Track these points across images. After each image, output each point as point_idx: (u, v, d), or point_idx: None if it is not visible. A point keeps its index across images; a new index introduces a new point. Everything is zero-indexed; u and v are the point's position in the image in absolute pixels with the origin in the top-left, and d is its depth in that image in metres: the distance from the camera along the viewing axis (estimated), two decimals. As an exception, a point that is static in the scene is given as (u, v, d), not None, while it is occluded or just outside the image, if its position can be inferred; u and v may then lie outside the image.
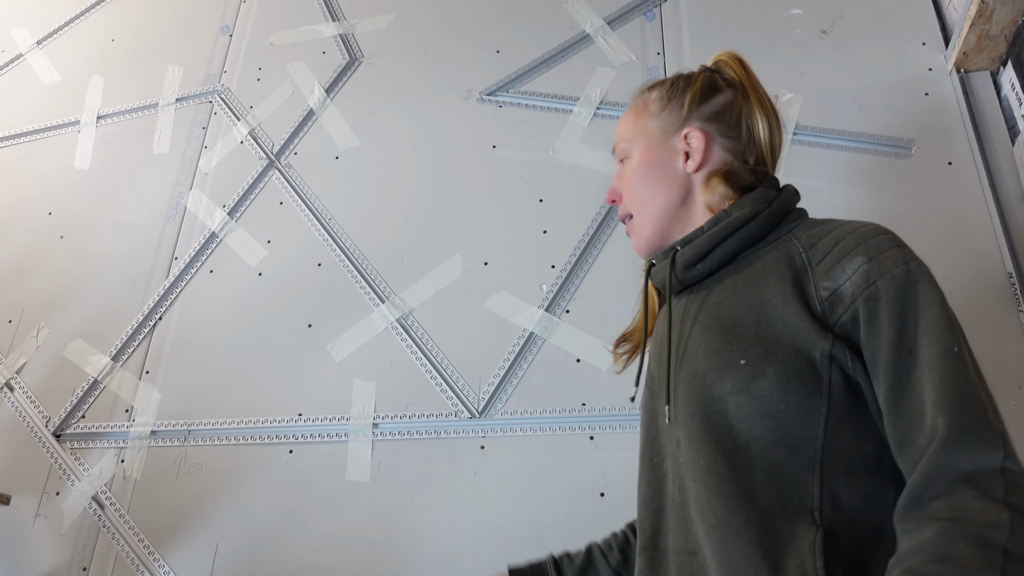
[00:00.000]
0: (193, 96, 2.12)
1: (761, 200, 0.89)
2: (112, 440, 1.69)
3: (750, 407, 0.78)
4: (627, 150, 1.01)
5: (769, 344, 0.79)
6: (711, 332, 0.85)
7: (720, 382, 0.81)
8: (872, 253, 0.77)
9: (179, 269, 1.85)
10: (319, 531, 1.50)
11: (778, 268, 0.84)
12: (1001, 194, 1.50)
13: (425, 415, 1.56)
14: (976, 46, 1.57)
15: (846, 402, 0.77)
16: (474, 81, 1.92)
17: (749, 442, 0.78)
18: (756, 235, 0.88)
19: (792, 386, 0.77)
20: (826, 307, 0.79)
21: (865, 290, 0.76)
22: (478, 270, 1.68)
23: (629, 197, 0.99)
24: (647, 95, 1.03)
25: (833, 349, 0.77)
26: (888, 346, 0.74)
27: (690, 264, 0.91)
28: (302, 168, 1.92)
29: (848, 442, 0.77)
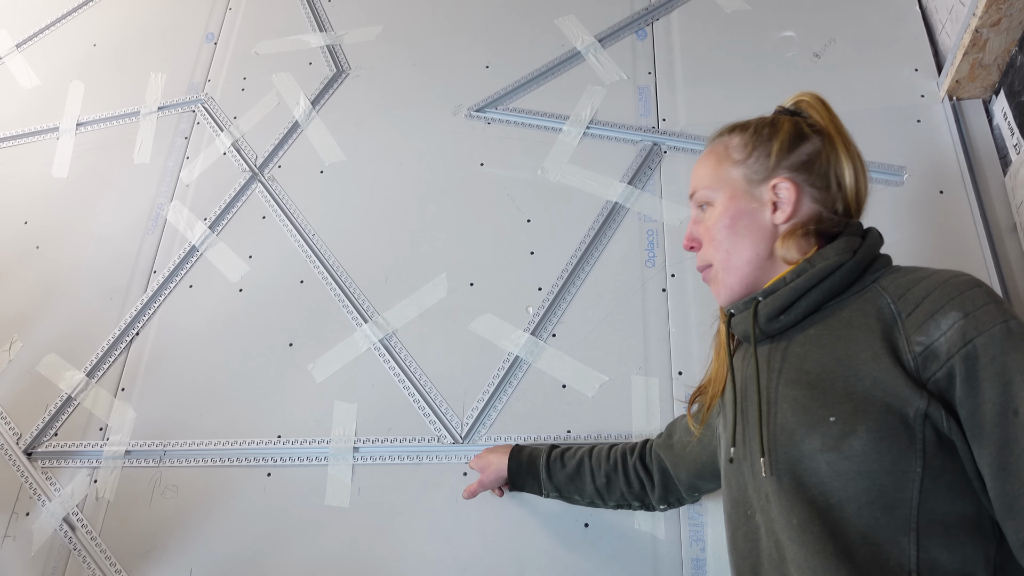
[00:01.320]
0: (176, 105, 2.08)
1: (845, 250, 0.88)
2: (85, 459, 1.64)
3: (843, 466, 0.77)
4: (709, 197, 0.98)
5: (859, 400, 0.78)
6: (796, 386, 0.84)
7: (810, 439, 0.79)
8: (968, 308, 0.75)
9: (158, 283, 1.81)
10: (296, 557, 1.46)
11: (866, 320, 0.82)
12: (992, 225, 1.49)
13: (407, 439, 1.53)
14: (969, 74, 1.56)
15: (941, 461, 0.76)
16: (462, 97, 1.89)
17: (843, 501, 0.77)
18: (841, 285, 0.87)
19: (885, 445, 0.75)
20: (919, 363, 0.77)
21: (962, 348, 0.74)
22: (463, 291, 1.65)
23: (712, 246, 0.96)
24: (727, 140, 1.00)
25: (929, 408, 0.75)
26: (991, 408, 0.72)
27: (773, 316, 0.90)
28: (286, 182, 1.88)
29: (945, 502, 0.75)
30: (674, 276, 1.57)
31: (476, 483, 1.37)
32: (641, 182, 1.68)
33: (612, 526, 1.38)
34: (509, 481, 1.33)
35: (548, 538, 1.39)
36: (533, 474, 1.31)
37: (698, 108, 1.75)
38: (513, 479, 1.33)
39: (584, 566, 1.36)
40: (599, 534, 1.38)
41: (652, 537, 1.35)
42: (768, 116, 1.03)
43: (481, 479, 1.36)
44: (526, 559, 1.38)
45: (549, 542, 1.39)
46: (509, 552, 1.39)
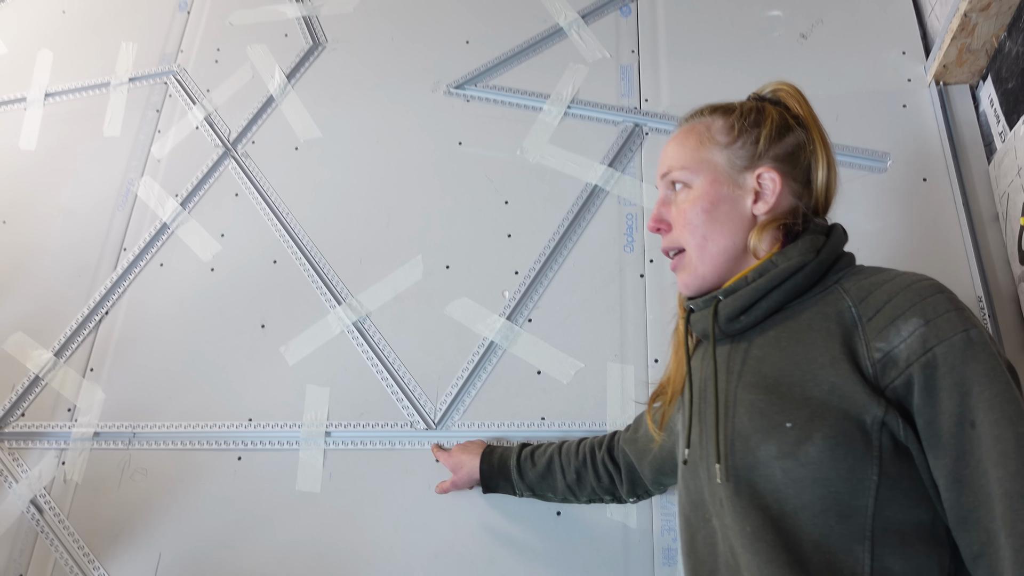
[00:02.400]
0: (147, 76, 2.02)
1: (809, 249, 0.86)
2: (53, 441, 1.62)
3: (798, 473, 0.75)
4: (686, 178, 0.93)
5: (816, 406, 0.76)
6: (754, 390, 0.82)
7: (766, 445, 0.78)
8: (929, 315, 0.74)
9: (128, 261, 1.77)
10: (267, 542, 1.45)
11: (826, 324, 0.80)
12: (975, 214, 1.47)
13: (380, 424, 1.51)
14: (957, 59, 1.53)
15: (897, 468, 0.75)
16: (441, 73, 1.84)
17: (797, 509, 0.75)
18: (803, 286, 0.85)
19: (841, 452, 0.74)
20: (878, 369, 0.75)
21: (922, 356, 0.73)
22: (439, 273, 1.62)
23: (686, 230, 0.92)
24: (709, 121, 0.96)
25: (886, 416, 0.74)
26: (948, 418, 0.71)
27: (733, 316, 0.88)
28: (259, 158, 1.84)
29: (900, 510, 0.74)
30: (652, 262, 1.55)
31: (449, 482, 1.38)
32: (622, 164, 1.65)
33: (584, 515, 1.37)
34: (482, 483, 1.33)
35: (520, 526, 1.38)
36: (505, 475, 1.31)
37: (681, 89, 1.71)
38: (486, 481, 1.32)
39: (556, 554, 1.35)
40: (571, 523, 1.37)
41: (624, 526, 1.35)
42: (751, 102, 1.00)
43: (453, 479, 1.37)
44: (497, 547, 1.37)
45: (521, 530, 1.38)
46: (481, 540, 1.38)
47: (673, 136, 0.99)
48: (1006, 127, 1.45)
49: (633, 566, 1.32)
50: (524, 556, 1.36)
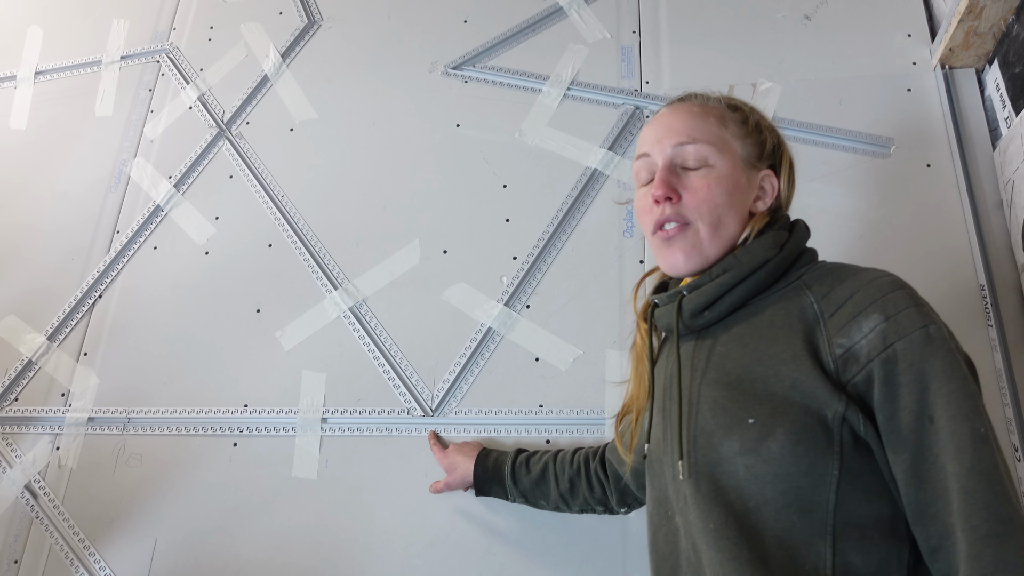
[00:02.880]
0: (139, 54, 1.99)
1: (772, 246, 0.87)
2: (47, 426, 1.60)
3: (760, 469, 0.75)
4: (710, 155, 0.91)
5: (778, 402, 0.77)
6: (717, 387, 0.82)
7: (728, 441, 0.78)
8: (890, 311, 0.75)
9: (121, 244, 1.75)
10: (263, 529, 1.45)
11: (788, 320, 0.81)
12: (978, 201, 1.45)
13: (376, 411, 1.50)
14: (963, 42, 1.50)
15: (858, 463, 0.75)
16: (439, 53, 1.81)
17: (760, 505, 0.75)
18: (766, 282, 0.86)
19: (803, 448, 0.74)
20: (839, 365, 0.76)
21: (882, 352, 0.73)
22: (437, 258, 1.60)
23: (705, 207, 0.89)
24: (724, 110, 0.95)
25: (847, 412, 0.74)
26: (907, 414, 0.72)
27: (697, 311, 0.88)
28: (254, 139, 1.81)
29: (861, 504, 0.75)
30: (652, 248, 1.53)
31: (443, 483, 1.37)
32: (622, 148, 1.63)
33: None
34: (475, 486, 1.31)
35: (518, 515, 1.37)
36: (499, 480, 1.29)
37: (683, 71, 1.68)
38: (479, 484, 1.31)
39: (553, 542, 1.35)
40: (569, 511, 1.36)
41: (622, 516, 1.34)
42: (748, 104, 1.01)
43: (447, 480, 1.36)
44: (495, 536, 1.37)
45: (518, 519, 1.37)
46: (478, 528, 1.38)
47: (681, 108, 0.96)
48: (1012, 112, 1.43)
49: (631, 555, 1.31)
50: (522, 545, 1.36)
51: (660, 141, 0.93)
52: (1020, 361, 1.32)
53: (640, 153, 0.96)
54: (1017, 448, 1.27)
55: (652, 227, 0.91)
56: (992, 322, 1.35)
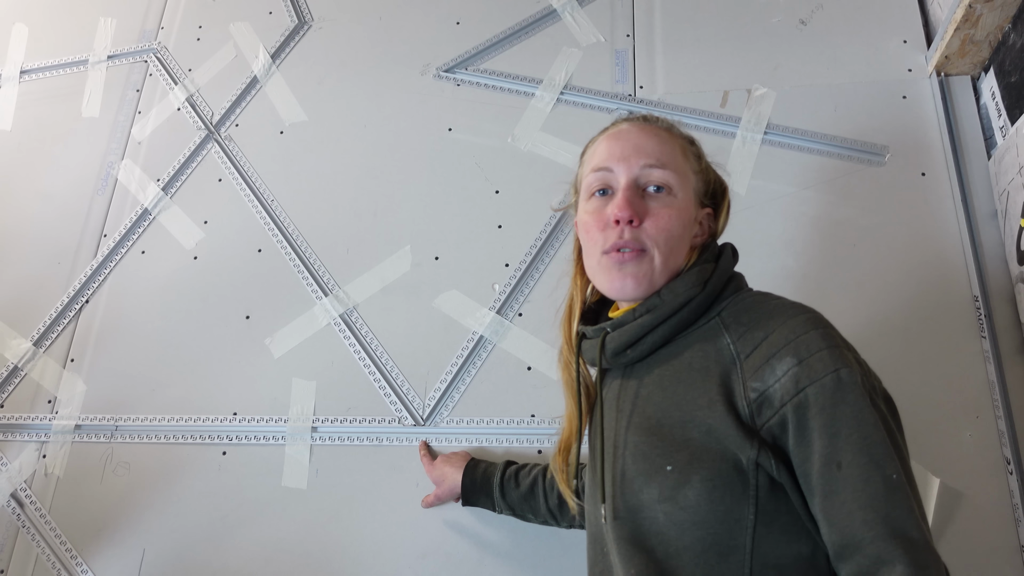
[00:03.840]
0: (127, 54, 1.96)
1: (695, 283, 0.86)
2: (33, 433, 1.58)
3: (679, 516, 0.76)
4: (674, 183, 0.89)
5: (695, 448, 0.77)
6: (639, 432, 0.82)
7: (648, 489, 0.78)
8: (802, 354, 0.74)
9: (108, 248, 1.73)
10: (252, 539, 1.43)
11: (705, 363, 0.81)
12: (973, 211, 1.44)
13: (367, 420, 1.48)
14: (959, 50, 1.49)
15: (774, 505, 0.75)
16: (431, 55, 1.79)
17: (680, 551, 0.76)
18: (688, 320, 0.85)
19: (719, 494, 0.74)
20: (754, 409, 0.76)
21: (794, 396, 0.73)
22: (428, 265, 1.59)
23: (662, 236, 0.87)
24: (685, 143, 0.95)
25: (759, 457, 0.74)
26: (818, 459, 0.72)
27: (619, 350, 0.87)
28: (243, 142, 1.79)
29: (778, 545, 0.75)
30: (646, 256, 1.52)
31: (432, 496, 1.36)
32: (615, 154, 1.61)
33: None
34: (462, 496, 1.30)
35: (510, 525, 1.36)
36: (487, 491, 1.28)
37: (677, 76, 1.66)
38: (466, 495, 1.30)
39: (546, 553, 1.34)
40: (561, 522, 1.35)
41: (614, 527, 1.33)
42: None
43: (437, 492, 1.35)
44: (486, 545, 1.36)
45: (509, 530, 1.36)
46: (470, 539, 1.37)
47: (649, 129, 0.93)
48: (1007, 121, 1.42)
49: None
50: (514, 556, 1.35)
51: (627, 159, 0.90)
52: (1013, 373, 1.32)
53: (599, 166, 0.91)
54: (1009, 461, 1.26)
55: (605, 246, 0.88)
56: (985, 333, 1.35)
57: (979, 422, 1.31)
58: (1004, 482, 1.26)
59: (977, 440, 1.30)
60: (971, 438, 1.30)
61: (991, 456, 1.28)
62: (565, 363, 0.98)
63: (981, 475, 1.27)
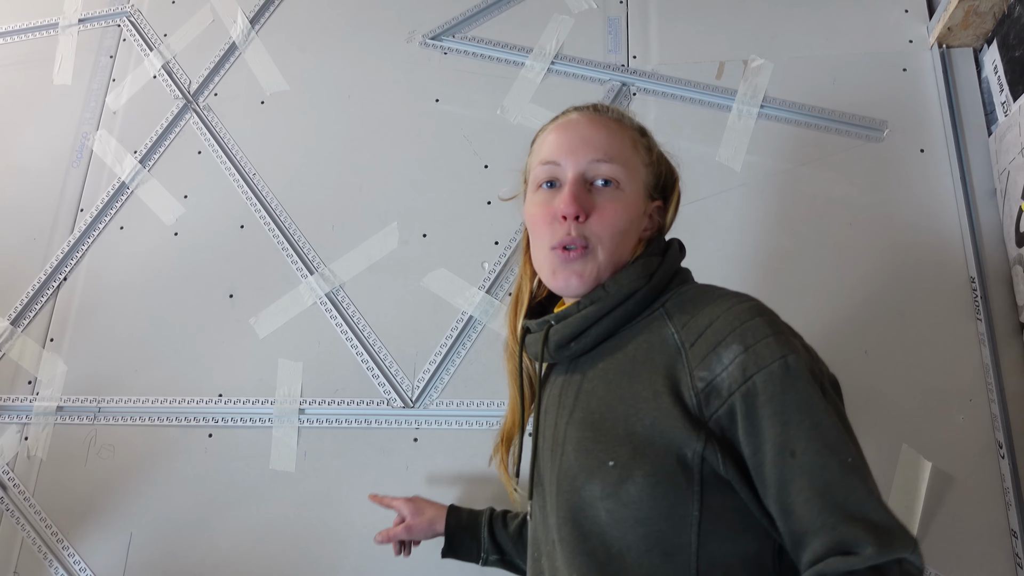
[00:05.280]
0: (98, 17, 1.88)
1: (641, 275, 0.83)
2: (14, 415, 1.55)
3: (621, 514, 0.73)
4: (621, 177, 0.86)
5: (638, 443, 0.74)
6: (581, 427, 0.80)
7: (590, 485, 0.75)
8: (748, 341, 0.72)
9: (85, 223, 1.67)
10: (240, 523, 1.42)
11: (650, 354, 0.78)
12: (972, 189, 1.42)
13: (355, 402, 1.46)
14: (962, 21, 1.45)
15: (719, 501, 0.73)
16: (417, 21, 1.72)
17: (623, 551, 0.74)
18: (633, 313, 0.83)
19: (662, 490, 0.72)
20: (701, 399, 0.73)
21: (742, 384, 0.71)
22: (416, 242, 1.55)
23: (607, 232, 0.84)
24: (635, 134, 0.91)
25: (705, 450, 0.72)
26: (770, 448, 0.70)
27: (563, 343, 0.85)
28: (223, 112, 1.72)
29: (724, 542, 0.73)
30: (638, 234, 1.49)
31: (402, 528, 1.21)
32: (608, 127, 1.57)
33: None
34: (445, 539, 1.19)
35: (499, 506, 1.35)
36: (473, 532, 1.18)
37: (671, 45, 1.61)
38: (450, 538, 1.18)
39: (535, 537, 1.34)
40: (552, 505, 1.35)
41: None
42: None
43: (409, 524, 1.21)
44: (477, 529, 1.35)
45: (501, 512, 1.35)
46: (459, 522, 1.36)
47: (598, 120, 0.90)
48: (1009, 97, 1.39)
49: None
50: (504, 539, 1.34)
51: (575, 152, 0.87)
52: (1008, 356, 1.31)
53: (547, 159, 0.89)
54: (1001, 445, 1.26)
55: (553, 242, 0.86)
56: (981, 316, 1.33)
57: (972, 405, 1.30)
58: (996, 465, 1.26)
59: (970, 423, 1.29)
60: (964, 421, 1.30)
61: (983, 439, 1.28)
62: (510, 353, 0.96)
63: (973, 458, 1.27)
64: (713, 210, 1.47)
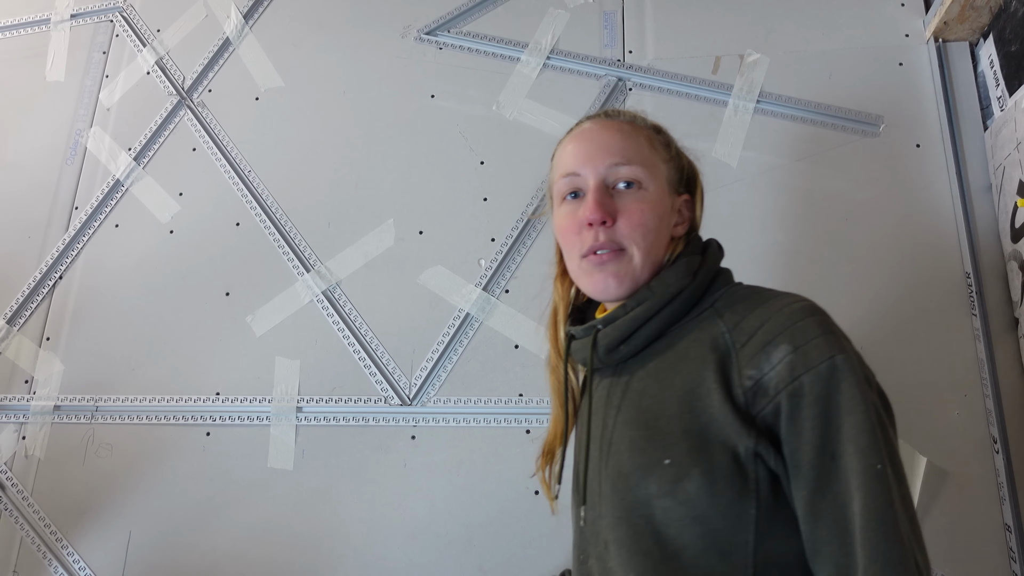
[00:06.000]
0: (91, 12, 1.86)
1: (685, 274, 0.84)
2: (11, 414, 1.55)
3: (677, 512, 0.73)
4: (642, 178, 0.86)
5: (693, 441, 0.74)
6: (634, 426, 0.80)
7: (645, 484, 0.75)
8: (798, 341, 0.72)
9: (80, 221, 1.67)
10: (239, 521, 1.43)
11: (701, 352, 0.78)
12: (967, 184, 1.42)
13: (353, 399, 1.46)
14: (959, 15, 1.44)
15: (774, 500, 0.73)
16: (412, 16, 1.71)
17: (678, 551, 0.73)
18: (681, 312, 0.83)
19: (719, 488, 0.72)
20: (749, 397, 0.74)
21: (789, 384, 0.71)
22: (412, 239, 1.55)
23: (638, 232, 0.85)
24: (650, 133, 0.91)
25: (757, 447, 0.72)
26: (809, 449, 0.70)
27: (612, 347, 0.84)
28: (217, 109, 1.72)
29: (780, 542, 0.73)
30: (635, 230, 1.48)
31: None
32: (604, 123, 1.56)
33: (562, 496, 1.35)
34: None
35: (497, 505, 1.36)
36: None
37: (667, 40, 1.61)
38: None
39: (533, 533, 1.34)
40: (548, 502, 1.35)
41: (603, 507, 1.33)
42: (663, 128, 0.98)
43: None
44: (475, 526, 1.36)
45: (498, 509, 1.36)
46: (458, 518, 1.37)
47: (611, 125, 0.91)
48: (1005, 92, 1.39)
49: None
50: (502, 536, 1.35)
51: (592, 160, 0.87)
52: (1002, 352, 1.31)
53: (567, 172, 0.89)
54: (996, 440, 1.27)
55: (583, 250, 0.86)
56: (976, 311, 1.34)
57: (967, 400, 1.31)
58: (990, 460, 1.27)
59: (964, 418, 1.30)
60: (959, 416, 1.30)
61: (978, 434, 1.29)
62: (552, 367, 0.96)
63: (968, 453, 1.28)
64: (709, 206, 1.44)
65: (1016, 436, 1.26)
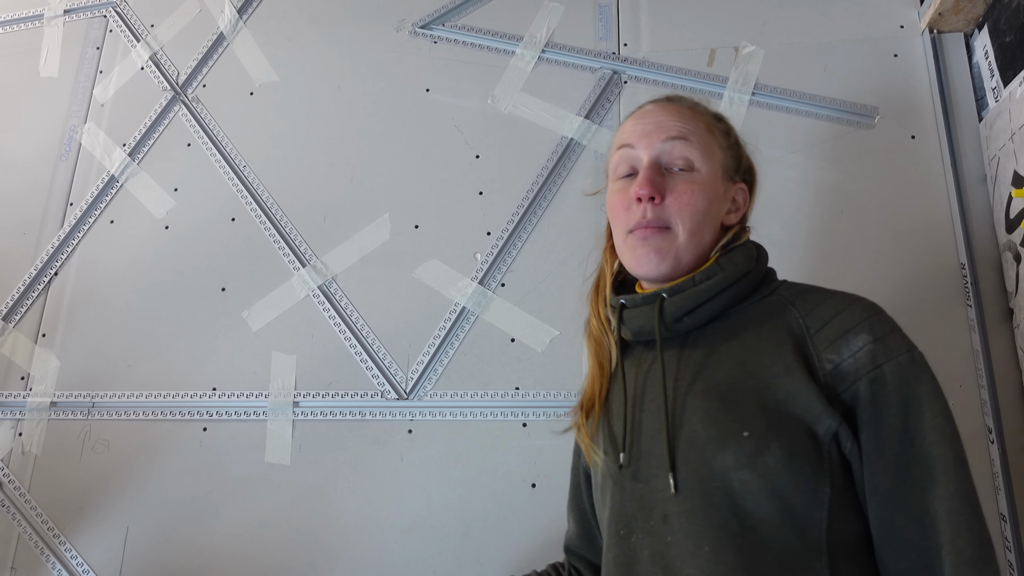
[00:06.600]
0: (85, 8, 1.85)
1: (751, 257, 0.88)
2: (7, 411, 1.55)
3: (756, 485, 0.74)
4: (697, 159, 0.88)
5: (772, 415, 0.76)
6: (707, 397, 0.80)
7: (722, 455, 0.76)
8: (877, 333, 0.76)
9: (75, 217, 1.66)
10: (236, 516, 1.43)
11: (775, 332, 0.81)
12: (962, 175, 1.42)
13: (350, 394, 1.46)
14: (953, 6, 1.44)
15: (844, 480, 0.76)
16: (407, 9, 1.71)
17: (756, 525, 0.73)
18: (745, 292, 0.86)
19: (798, 463, 0.74)
20: (829, 380, 0.76)
21: (871, 371, 0.75)
22: (408, 234, 1.55)
23: (686, 212, 0.86)
24: (710, 119, 0.94)
25: (839, 428, 0.75)
26: (890, 435, 0.73)
27: (678, 316, 0.86)
28: (212, 104, 1.71)
29: (849, 522, 0.75)
30: (630, 223, 1.49)
31: None
32: (599, 116, 1.56)
33: (559, 487, 1.34)
34: None
35: (495, 498, 1.37)
36: None
37: (662, 32, 1.60)
38: None
39: (531, 527, 1.35)
40: (546, 495, 1.36)
41: (599, 499, 1.34)
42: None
43: None
44: (472, 519, 1.36)
45: (496, 502, 1.36)
46: (455, 512, 1.37)
47: (671, 106, 0.93)
48: (1000, 83, 1.39)
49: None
50: (499, 529, 1.35)
51: (648, 135, 0.90)
52: (997, 342, 1.32)
53: (623, 143, 0.92)
54: (991, 430, 1.27)
55: (630, 226, 0.88)
56: (971, 302, 1.34)
57: (962, 391, 1.31)
58: (985, 451, 1.27)
59: (959, 409, 1.29)
60: (954, 407, 1.29)
61: (973, 425, 1.29)
62: (591, 331, 0.97)
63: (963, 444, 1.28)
64: (705, 199, 1.47)
65: (1011, 426, 1.27)
